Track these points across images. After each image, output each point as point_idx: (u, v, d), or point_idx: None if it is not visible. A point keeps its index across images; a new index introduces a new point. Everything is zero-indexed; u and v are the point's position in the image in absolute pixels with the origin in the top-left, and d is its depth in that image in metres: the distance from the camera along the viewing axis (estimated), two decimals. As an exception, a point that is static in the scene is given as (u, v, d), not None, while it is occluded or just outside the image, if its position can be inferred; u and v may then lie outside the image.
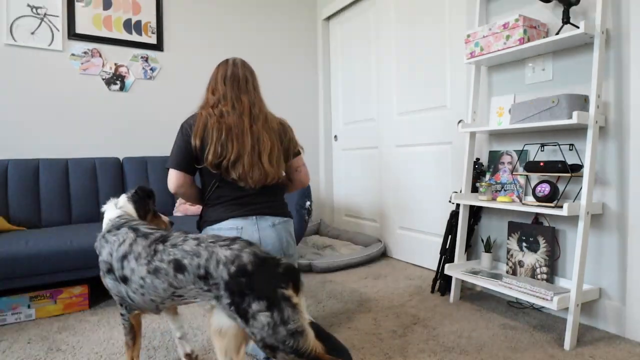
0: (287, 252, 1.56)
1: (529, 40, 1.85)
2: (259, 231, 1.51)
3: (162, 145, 3.10)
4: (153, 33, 3.04)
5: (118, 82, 2.93)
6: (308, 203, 2.48)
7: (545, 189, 1.74)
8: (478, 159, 2.24)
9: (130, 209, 1.43)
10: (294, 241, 1.64)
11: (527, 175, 1.98)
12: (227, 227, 1.49)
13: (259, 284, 1.07)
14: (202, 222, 1.58)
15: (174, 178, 1.54)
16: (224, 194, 1.53)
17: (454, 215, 2.22)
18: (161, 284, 1.17)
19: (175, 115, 3.15)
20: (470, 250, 2.34)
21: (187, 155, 1.52)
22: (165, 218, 1.59)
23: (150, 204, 1.51)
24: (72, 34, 2.76)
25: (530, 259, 1.95)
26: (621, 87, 1.69)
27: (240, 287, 1.06)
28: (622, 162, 1.70)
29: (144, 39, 3.01)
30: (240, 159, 1.47)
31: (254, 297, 1.05)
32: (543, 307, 1.99)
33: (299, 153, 1.70)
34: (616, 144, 1.72)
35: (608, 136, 1.74)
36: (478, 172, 2.21)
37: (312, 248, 3.16)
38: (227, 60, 1.65)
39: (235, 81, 1.59)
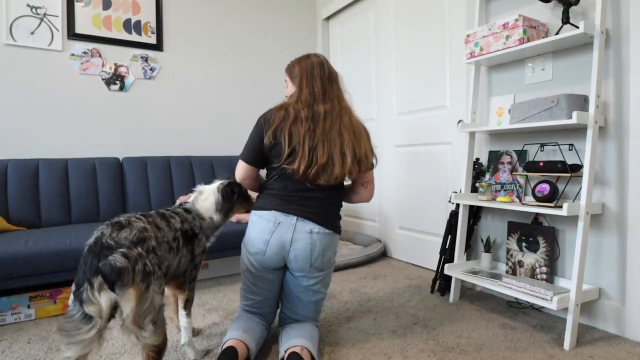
0: (315, 264, 1.54)
1: (528, 40, 1.85)
2: (294, 232, 1.51)
3: (162, 145, 3.10)
4: (153, 33, 3.04)
5: (118, 82, 2.93)
6: None
7: (545, 189, 1.74)
8: (478, 159, 2.24)
9: (209, 202, 1.53)
10: (331, 257, 1.61)
11: (526, 175, 1.98)
12: (267, 217, 1.53)
13: (80, 267, 1.07)
14: (254, 207, 1.63)
15: (241, 170, 1.62)
16: (278, 187, 1.57)
17: (454, 215, 2.22)
18: None
19: (175, 115, 3.15)
20: (470, 250, 2.34)
21: (258, 150, 1.57)
22: (254, 195, 1.70)
23: (234, 199, 1.59)
24: (72, 34, 2.76)
25: (529, 259, 1.95)
26: (621, 87, 1.69)
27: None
28: (622, 162, 1.70)
29: (143, 39, 3.01)
30: (329, 160, 1.50)
31: (75, 276, 1.07)
32: (543, 307, 1.99)
33: (372, 167, 1.65)
34: (616, 144, 1.72)
35: (608, 136, 1.74)
36: (478, 172, 2.21)
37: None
38: (308, 56, 1.66)
39: (322, 77, 1.59)
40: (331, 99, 1.58)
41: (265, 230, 1.51)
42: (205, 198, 1.54)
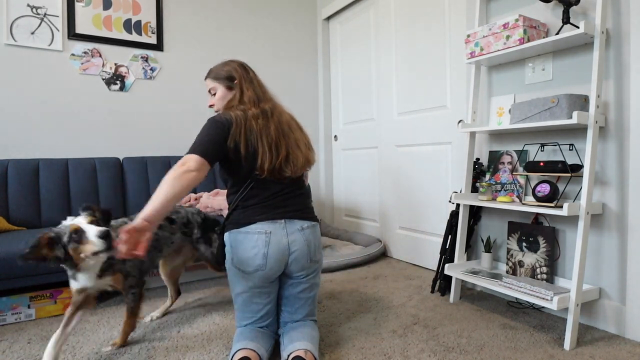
0: (314, 258, 1.55)
1: (528, 40, 1.85)
2: (288, 235, 1.49)
3: (162, 145, 3.10)
4: (153, 33, 3.04)
5: (118, 82, 2.93)
6: None
7: (545, 189, 1.74)
8: (478, 159, 2.24)
9: None
10: (321, 246, 1.63)
11: (527, 175, 1.98)
12: (255, 231, 1.46)
13: None
14: (227, 225, 1.53)
15: (193, 160, 1.35)
16: (257, 194, 1.51)
17: (454, 215, 2.22)
18: None
19: (175, 115, 3.15)
20: (470, 251, 2.34)
21: (218, 148, 1.42)
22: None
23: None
24: (72, 34, 2.76)
25: (530, 259, 1.95)
26: (621, 87, 1.69)
27: None
28: (622, 162, 1.70)
29: (143, 39, 3.01)
30: (290, 153, 1.52)
31: None
32: (543, 307, 1.99)
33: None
34: (616, 144, 1.72)
35: (608, 136, 1.74)
36: (478, 172, 2.21)
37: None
38: (232, 60, 1.68)
39: (256, 79, 1.64)
40: (270, 99, 1.62)
41: (260, 244, 1.45)
42: None
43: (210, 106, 1.65)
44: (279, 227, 1.48)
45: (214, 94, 1.63)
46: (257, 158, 1.46)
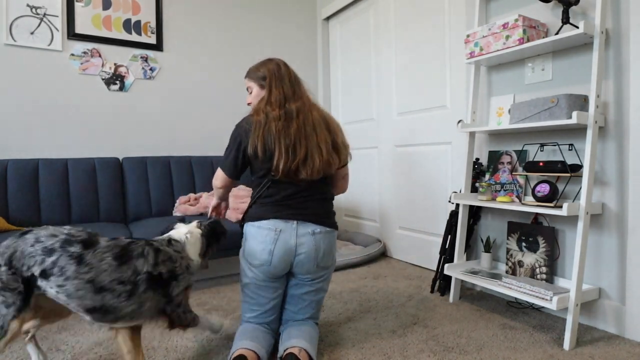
0: (321, 264, 1.56)
1: (528, 40, 1.85)
2: (297, 237, 1.51)
3: (162, 145, 3.10)
4: (153, 33, 3.04)
5: (118, 82, 2.93)
6: None
7: (544, 189, 1.74)
8: (478, 159, 2.24)
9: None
10: (334, 254, 1.63)
11: (526, 175, 1.98)
12: (267, 227, 1.51)
13: None
14: (245, 217, 1.61)
15: (220, 180, 1.62)
16: (273, 193, 1.55)
17: (454, 215, 2.22)
18: None
19: (175, 115, 3.15)
20: (469, 250, 2.34)
21: (239, 162, 1.56)
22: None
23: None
24: (72, 34, 2.76)
25: (529, 259, 1.95)
26: (621, 87, 1.69)
27: None
28: (622, 162, 1.70)
29: (143, 39, 3.01)
30: (309, 155, 1.50)
31: None
32: (542, 307, 1.99)
33: (346, 162, 1.72)
34: (615, 144, 1.72)
35: (607, 136, 1.74)
36: (478, 172, 2.21)
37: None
38: (270, 59, 1.67)
39: (288, 77, 1.62)
40: (300, 97, 1.61)
41: (268, 240, 1.50)
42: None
43: (249, 104, 1.70)
44: (290, 227, 1.51)
45: (251, 92, 1.68)
46: (274, 159, 1.48)
